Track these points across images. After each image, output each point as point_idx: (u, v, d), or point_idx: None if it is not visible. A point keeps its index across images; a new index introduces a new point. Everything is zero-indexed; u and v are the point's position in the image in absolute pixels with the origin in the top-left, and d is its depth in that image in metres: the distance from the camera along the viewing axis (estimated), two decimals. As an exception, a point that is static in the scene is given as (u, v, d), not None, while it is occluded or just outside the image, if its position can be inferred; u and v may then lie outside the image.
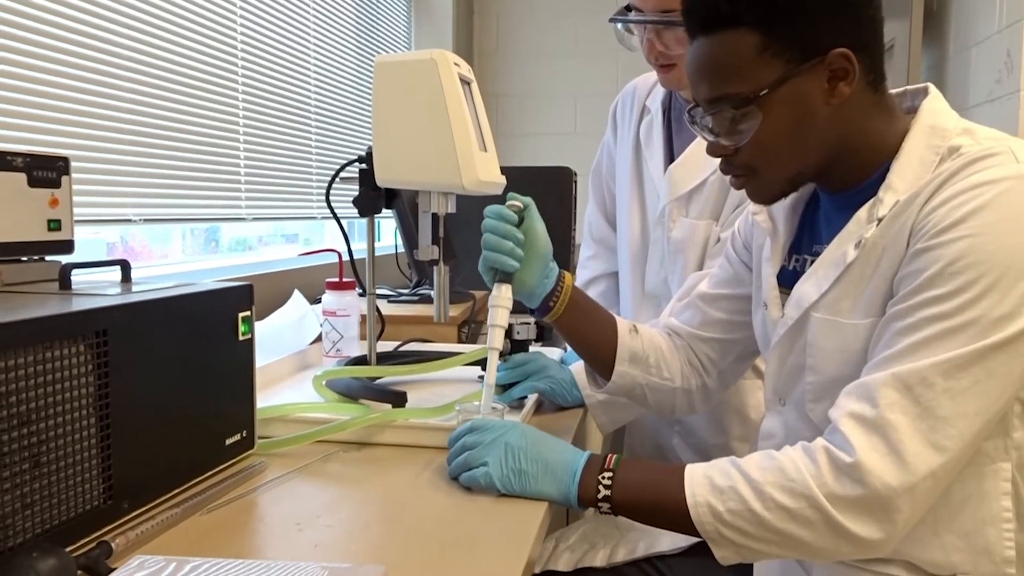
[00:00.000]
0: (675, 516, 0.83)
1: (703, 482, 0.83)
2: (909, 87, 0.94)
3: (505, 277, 1.08)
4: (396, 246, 2.19)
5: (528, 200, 1.11)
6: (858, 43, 0.85)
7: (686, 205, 1.40)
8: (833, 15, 0.84)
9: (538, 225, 1.10)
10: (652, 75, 1.50)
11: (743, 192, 1.31)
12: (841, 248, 0.89)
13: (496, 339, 1.05)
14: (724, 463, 0.84)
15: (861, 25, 0.86)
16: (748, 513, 0.79)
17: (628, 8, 1.33)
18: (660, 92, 1.49)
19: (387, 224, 3.01)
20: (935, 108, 0.89)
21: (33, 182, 0.95)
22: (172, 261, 2.00)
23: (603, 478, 0.88)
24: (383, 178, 1.18)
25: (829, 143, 0.88)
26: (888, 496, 0.75)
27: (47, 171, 0.97)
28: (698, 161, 1.38)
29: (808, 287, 0.93)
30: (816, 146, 0.88)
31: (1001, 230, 0.76)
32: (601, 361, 1.16)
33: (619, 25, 1.35)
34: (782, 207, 1.02)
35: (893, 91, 0.93)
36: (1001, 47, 2.39)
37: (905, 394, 0.77)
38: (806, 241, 1.00)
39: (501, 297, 1.07)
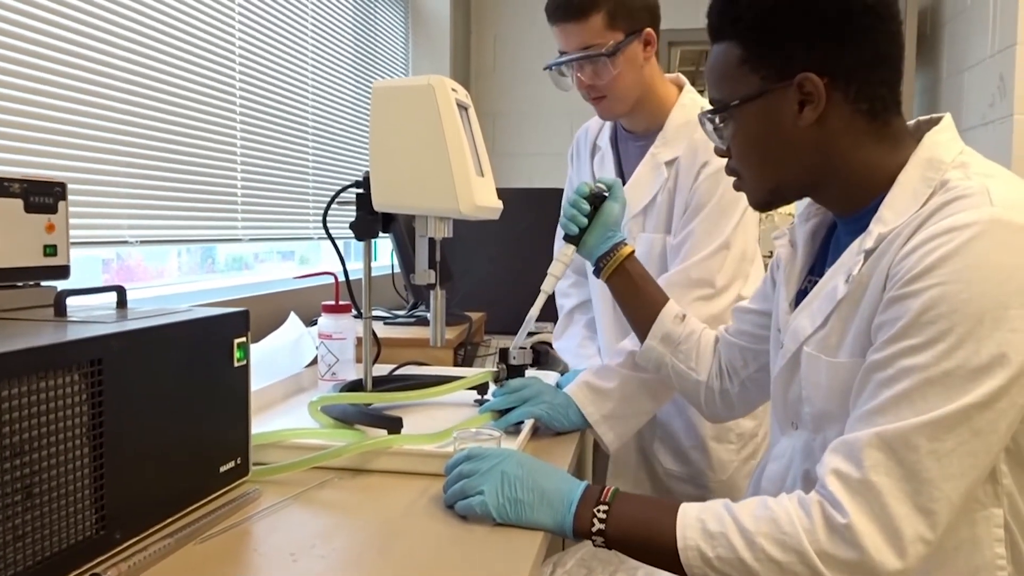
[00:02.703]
0: (665, 556, 0.83)
1: (695, 525, 0.82)
2: (925, 117, 0.93)
3: (571, 238, 1.26)
4: (392, 266, 2.19)
5: (613, 182, 1.28)
6: (836, 70, 0.85)
7: (643, 221, 1.51)
8: (808, 40, 0.86)
9: (614, 204, 1.26)
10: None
11: (687, 199, 1.43)
12: (833, 280, 0.89)
13: (548, 284, 1.23)
14: (719, 507, 0.83)
15: (844, 53, 0.85)
16: (737, 562, 0.79)
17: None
18: (608, 129, 1.63)
19: (383, 243, 3.01)
20: (937, 140, 0.87)
21: (30, 208, 0.95)
22: (168, 282, 1.99)
23: (598, 511, 0.87)
24: (380, 203, 1.19)
25: (806, 164, 0.90)
26: (880, 562, 0.74)
27: (44, 196, 0.97)
28: (646, 181, 1.49)
29: (803, 320, 0.93)
30: (792, 164, 0.91)
31: (971, 277, 0.75)
32: (639, 332, 1.27)
33: (552, 70, 1.49)
34: (803, 232, 1.03)
35: (911, 122, 0.92)
36: (994, 71, 2.41)
37: (889, 455, 0.75)
38: (819, 264, 1.01)
39: (563, 253, 1.26)
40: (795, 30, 0.86)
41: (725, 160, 0.98)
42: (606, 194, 1.26)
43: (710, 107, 0.95)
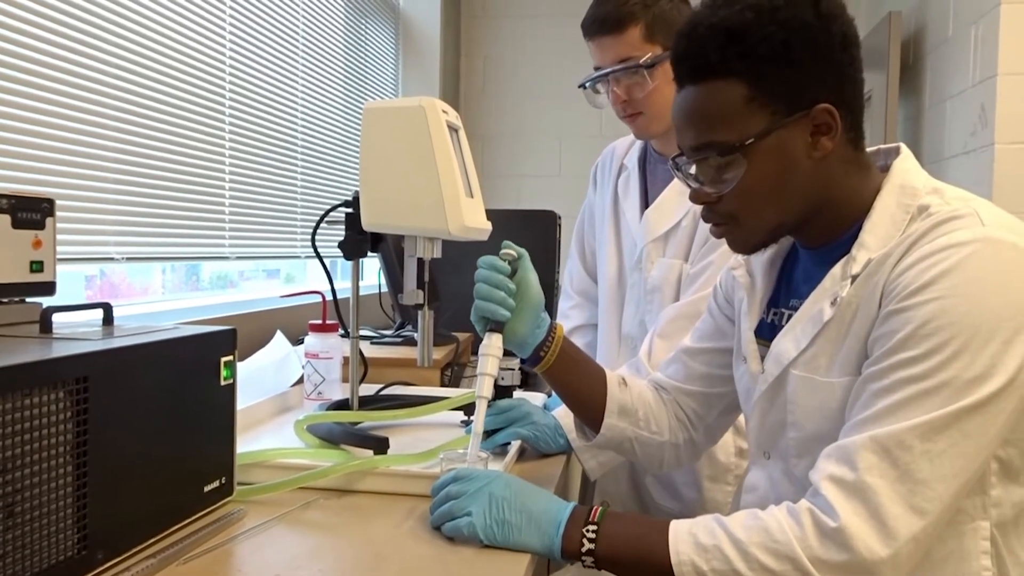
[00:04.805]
0: (658, 573, 0.83)
1: (687, 539, 0.82)
2: (883, 146, 0.96)
3: (496, 326, 1.07)
4: (379, 285, 2.19)
5: (522, 251, 1.12)
6: (841, 100, 0.87)
7: (663, 246, 1.47)
8: (819, 71, 0.87)
9: (531, 276, 1.10)
10: (629, 137, 1.61)
11: (708, 229, 1.36)
12: (817, 305, 0.91)
13: (485, 388, 1.04)
14: (709, 520, 0.84)
15: (844, 83, 0.88)
16: (732, 573, 0.79)
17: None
18: (636, 150, 1.59)
19: (370, 262, 3.01)
20: (906, 167, 0.91)
21: (17, 224, 0.95)
22: (154, 299, 1.98)
23: (587, 531, 0.87)
24: (369, 223, 1.19)
25: (810, 196, 0.90)
26: (872, 562, 0.75)
27: (31, 213, 0.96)
28: (672, 205, 1.45)
29: (787, 343, 0.94)
30: (797, 198, 0.90)
31: (969, 292, 0.78)
32: (590, 413, 1.15)
33: (587, 87, 1.46)
34: (760, 262, 1.04)
35: (868, 149, 0.95)
36: (975, 101, 2.45)
37: (884, 457, 0.77)
38: (783, 294, 1.02)
39: (491, 346, 1.06)
40: (809, 61, 0.86)
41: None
42: (514, 266, 1.10)
43: (698, 152, 0.91)
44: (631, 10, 1.37)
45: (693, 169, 0.93)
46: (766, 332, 1.00)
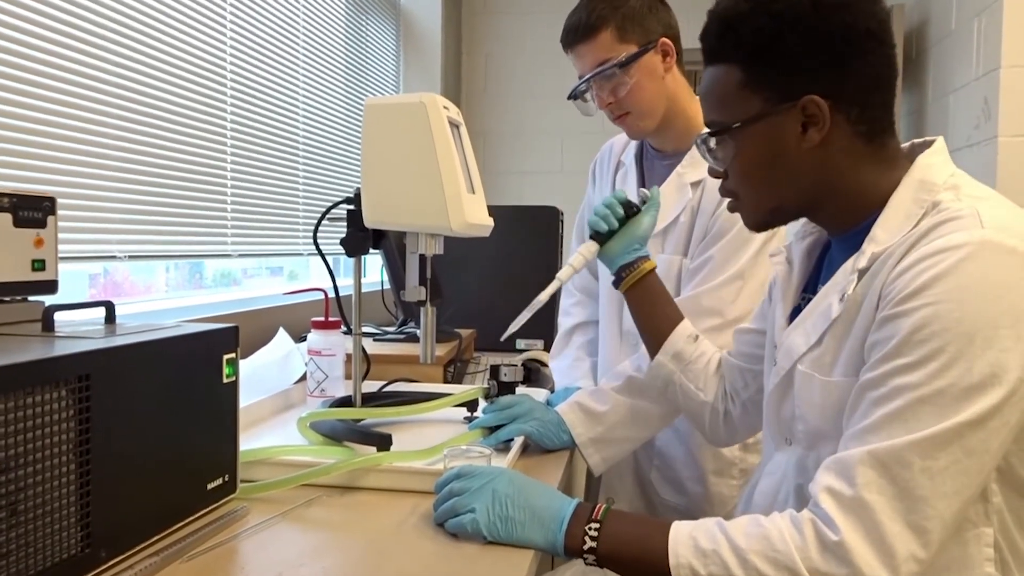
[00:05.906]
0: (658, 574, 0.83)
1: (687, 543, 0.82)
2: (919, 140, 0.94)
3: (596, 235, 1.23)
4: (382, 282, 2.19)
5: (653, 197, 1.25)
6: (839, 93, 0.86)
7: (662, 242, 1.48)
8: (812, 64, 0.86)
9: (646, 218, 1.24)
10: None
11: (708, 224, 1.41)
12: (827, 299, 0.90)
13: (564, 273, 1.20)
14: (711, 524, 0.83)
15: (846, 76, 0.87)
16: None
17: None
18: (633, 147, 1.60)
19: (372, 259, 3.01)
20: (929, 162, 0.89)
21: (19, 222, 0.95)
22: (157, 297, 1.98)
23: (590, 529, 0.87)
24: (371, 219, 1.19)
25: (806, 184, 0.91)
26: None
27: (33, 211, 0.96)
28: (670, 201, 1.45)
29: (797, 338, 0.94)
30: (790, 185, 0.91)
31: (962, 297, 0.76)
32: (653, 346, 1.24)
33: (576, 100, 1.50)
34: (799, 249, 1.04)
35: (905, 144, 0.94)
36: (979, 94, 2.45)
37: (882, 473, 0.76)
38: (812, 280, 1.02)
39: (586, 247, 1.22)
40: (799, 54, 0.86)
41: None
42: (640, 207, 1.25)
43: (707, 129, 0.95)
44: (600, 14, 1.39)
45: (711, 142, 0.95)
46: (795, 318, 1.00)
